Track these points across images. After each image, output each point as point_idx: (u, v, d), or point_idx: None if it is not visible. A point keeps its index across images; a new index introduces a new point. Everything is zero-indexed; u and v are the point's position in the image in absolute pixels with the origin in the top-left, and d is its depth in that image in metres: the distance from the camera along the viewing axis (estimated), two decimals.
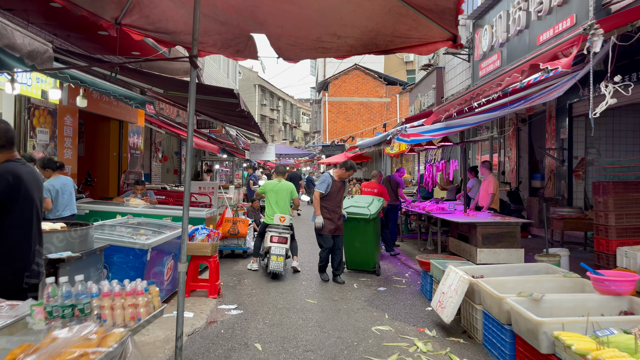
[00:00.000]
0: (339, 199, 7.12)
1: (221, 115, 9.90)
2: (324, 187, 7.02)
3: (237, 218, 8.70)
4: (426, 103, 14.97)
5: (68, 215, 5.95)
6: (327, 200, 7.03)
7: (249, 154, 12.82)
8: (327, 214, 7.03)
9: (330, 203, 7.03)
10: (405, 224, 10.37)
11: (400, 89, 34.32)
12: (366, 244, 7.49)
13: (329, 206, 7.03)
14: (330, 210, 7.03)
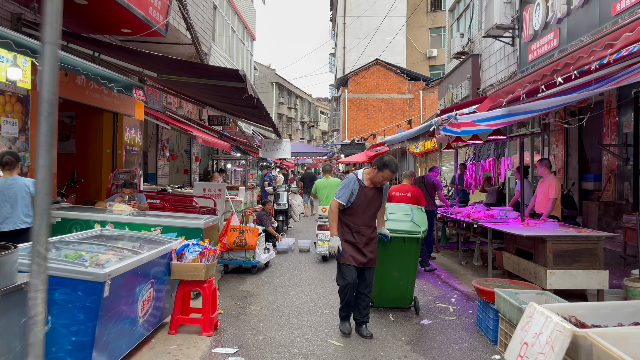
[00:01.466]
0: (370, 214, 4.68)
1: (228, 106, 8.52)
2: (345, 195, 4.60)
3: (245, 226, 7.31)
4: (459, 95, 13.46)
5: (8, 230, 4.56)
6: (351, 215, 4.65)
7: (261, 151, 11.43)
8: (350, 235, 4.63)
9: (355, 219, 4.64)
10: (443, 233, 8.86)
11: (423, 84, 32.71)
12: (407, 273, 5.44)
13: (354, 224, 4.65)
14: (355, 230, 4.64)
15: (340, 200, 4.62)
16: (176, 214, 6.59)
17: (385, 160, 4.57)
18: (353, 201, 4.61)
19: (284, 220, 11.43)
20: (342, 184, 4.69)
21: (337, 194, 4.66)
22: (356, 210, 4.63)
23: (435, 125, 5.72)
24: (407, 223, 5.51)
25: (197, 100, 9.43)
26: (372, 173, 4.64)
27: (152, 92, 13.37)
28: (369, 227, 4.70)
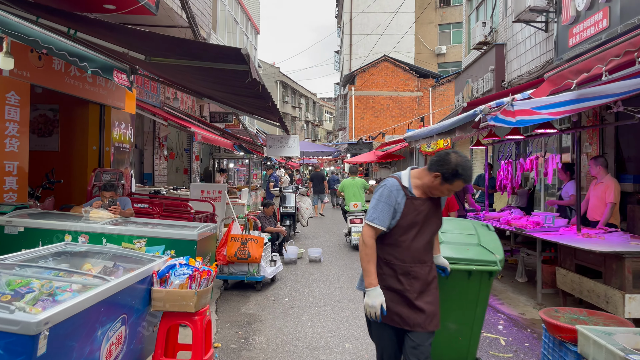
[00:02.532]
0: (424, 241, 2.85)
1: (228, 96, 7.45)
2: (384, 214, 2.77)
3: (248, 236, 6.23)
4: (480, 89, 12.38)
5: None
6: (395, 247, 2.82)
7: (266, 149, 10.36)
8: (394, 280, 2.82)
9: (401, 253, 2.82)
10: None
11: (433, 82, 31.61)
12: (469, 325, 3.77)
13: (399, 261, 2.82)
14: (402, 271, 2.81)
15: (375, 224, 2.73)
16: (166, 222, 5.54)
17: (455, 164, 2.65)
18: (397, 223, 2.75)
19: (291, 225, 10.38)
20: (377, 196, 2.79)
21: (370, 215, 2.77)
22: (403, 237, 2.76)
23: (481, 115, 4.64)
24: (473, 248, 3.78)
25: (193, 90, 8.38)
26: (429, 180, 2.75)
27: (148, 85, 12.35)
28: (424, 265, 2.83)
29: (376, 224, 2.74)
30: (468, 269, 3.66)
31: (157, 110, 12.35)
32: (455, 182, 2.68)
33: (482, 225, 4.09)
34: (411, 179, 2.85)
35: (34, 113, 8.50)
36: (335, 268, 7.80)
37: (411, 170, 2.92)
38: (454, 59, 36.62)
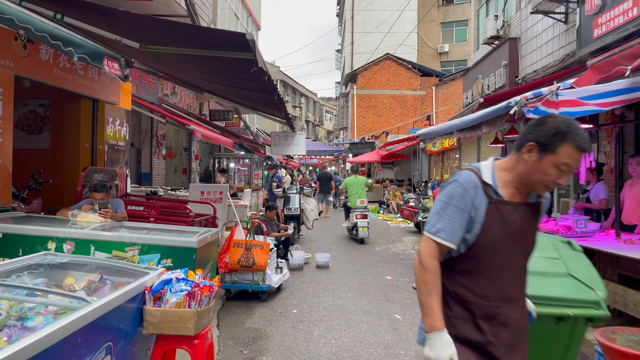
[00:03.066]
0: (517, 268, 1.94)
1: (231, 90, 6.93)
2: (456, 224, 1.83)
3: (253, 241, 5.70)
4: (492, 85, 11.86)
5: None
6: (473, 276, 1.88)
7: (270, 147, 9.81)
8: (470, 327, 1.89)
9: (483, 285, 1.88)
10: None
11: (436, 80, 31.12)
12: None
13: (480, 297, 1.88)
14: (485, 313, 1.88)
15: (441, 238, 1.84)
16: (163, 227, 5.01)
17: (554, 123, 1.78)
18: (476, 239, 1.86)
19: (295, 227, 9.84)
20: (444, 197, 1.89)
21: (432, 224, 1.88)
22: (486, 261, 1.88)
23: (517, 107, 4.11)
24: (562, 280, 2.71)
25: (193, 85, 7.86)
26: (523, 165, 1.85)
27: (145, 81, 11.83)
28: (515, 305, 1.93)
29: (442, 239, 1.81)
30: (560, 314, 2.57)
31: (154, 107, 11.82)
32: (561, 149, 1.74)
33: (562, 243, 3.03)
34: (496, 171, 1.88)
35: (23, 109, 7.98)
36: (345, 275, 7.28)
37: (495, 161, 1.94)
38: (456, 57, 36.15)
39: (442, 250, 1.86)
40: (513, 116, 4.24)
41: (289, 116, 7.69)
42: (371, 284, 6.74)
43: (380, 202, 19.73)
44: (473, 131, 5.70)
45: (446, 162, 22.33)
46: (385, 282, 6.87)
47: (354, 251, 9.47)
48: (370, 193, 23.81)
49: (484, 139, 15.45)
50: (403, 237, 11.63)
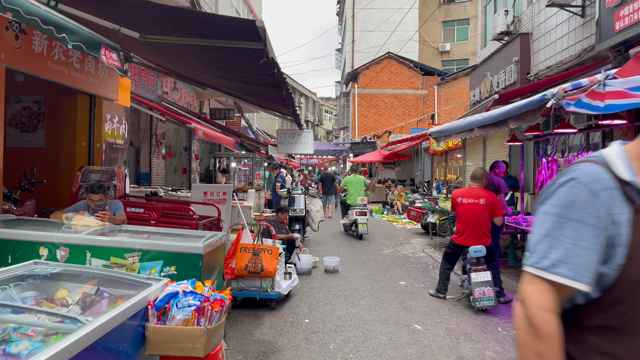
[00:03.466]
0: None
1: (236, 85, 6.56)
2: (585, 249, 1.15)
3: (261, 245, 5.32)
4: (502, 83, 11.52)
5: None
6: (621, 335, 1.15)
7: (277, 144, 9.43)
8: None
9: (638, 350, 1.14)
10: (512, 251, 6.90)
11: (438, 79, 30.79)
12: None
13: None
14: None
15: (562, 275, 1.16)
16: (165, 231, 4.64)
17: None
18: (623, 273, 1.15)
19: (300, 229, 9.47)
20: (556, 208, 1.21)
21: (540, 251, 1.20)
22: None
23: (554, 99, 3.74)
24: None
25: (195, 80, 7.47)
26: None
27: (144, 78, 11.47)
28: None
29: (564, 276, 1.16)
30: None
31: (154, 105, 11.47)
32: None
33: None
34: (632, 162, 1.22)
35: (17, 106, 7.60)
36: (356, 280, 6.91)
37: (623, 146, 1.28)
38: (458, 56, 35.83)
39: (562, 297, 1.19)
40: (549, 110, 3.89)
41: (297, 112, 7.32)
42: (385, 289, 6.37)
43: (384, 202, 19.36)
44: (497, 127, 5.34)
45: (450, 162, 22.00)
46: (399, 287, 6.51)
47: (362, 254, 9.11)
48: (372, 193, 23.50)
49: (490, 138, 15.11)
50: (411, 239, 11.27)
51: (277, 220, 7.60)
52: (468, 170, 17.92)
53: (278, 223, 7.56)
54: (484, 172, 5.74)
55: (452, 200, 5.78)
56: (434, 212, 10.42)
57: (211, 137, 10.65)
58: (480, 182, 5.68)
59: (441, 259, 6.05)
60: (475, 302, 5.26)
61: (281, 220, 7.70)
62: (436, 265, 8.14)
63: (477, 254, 5.35)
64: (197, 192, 7.00)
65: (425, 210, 11.40)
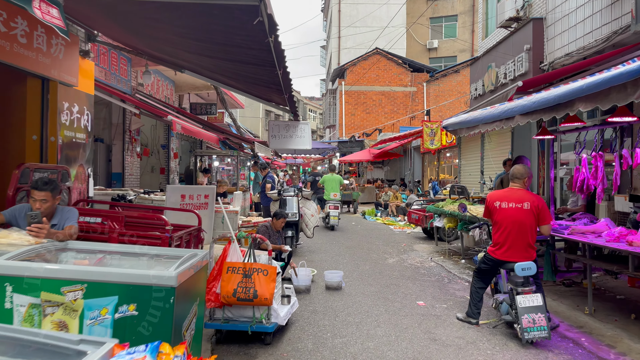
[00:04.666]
0: None
1: (221, 63, 5.40)
2: None
3: (254, 264, 4.16)
4: (510, 74, 10.55)
5: None
6: None
7: (269, 139, 8.24)
8: None
9: None
10: (547, 262, 5.86)
11: (427, 76, 29.89)
12: None
13: None
14: None
15: None
16: (128, 249, 3.45)
17: None
18: None
19: (293, 236, 8.34)
20: None
21: None
22: None
23: None
24: None
25: (169, 61, 6.28)
26: None
27: (116, 67, 10.24)
28: None
29: None
30: None
31: (127, 97, 10.22)
32: None
33: None
34: None
35: None
36: (365, 299, 5.80)
37: None
38: (446, 53, 35.05)
39: None
40: None
41: (294, 99, 6.18)
42: (402, 312, 5.27)
43: (377, 203, 18.29)
44: (555, 112, 4.28)
45: (442, 161, 21.07)
46: (419, 309, 5.41)
47: (364, 264, 8.01)
48: (362, 194, 22.44)
49: (490, 135, 14.17)
50: (414, 244, 10.21)
51: (272, 228, 6.46)
52: (463, 170, 16.95)
53: (272, 232, 6.42)
54: (525, 169, 4.68)
55: (488, 204, 4.70)
56: (440, 215, 9.38)
57: (191, 133, 9.45)
58: (521, 182, 4.62)
59: (472, 277, 4.98)
60: (523, 332, 4.19)
61: (277, 229, 6.56)
62: (451, 277, 7.07)
63: (526, 273, 4.29)
64: (173, 195, 5.81)
65: (430, 213, 10.36)
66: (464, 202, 7.63)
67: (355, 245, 9.99)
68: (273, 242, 6.38)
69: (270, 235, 6.36)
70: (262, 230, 6.31)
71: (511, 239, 4.50)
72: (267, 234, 6.33)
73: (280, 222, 6.43)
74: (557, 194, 10.40)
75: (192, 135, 9.85)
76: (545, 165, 11.53)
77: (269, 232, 6.35)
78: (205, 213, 6.13)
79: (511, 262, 4.50)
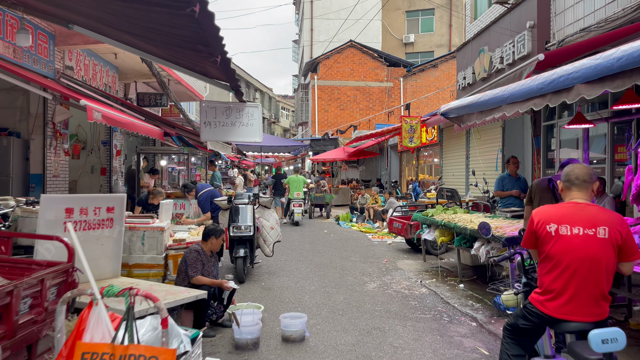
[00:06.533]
0: None
1: (122, 8, 3.46)
2: None
3: (132, 348, 2.29)
4: (509, 56, 8.87)
5: None
6: None
7: (200, 127, 6.30)
8: None
9: None
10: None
11: (404, 71, 28.36)
12: None
13: None
14: None
15: None
16: None
17: None
18: None
19: (246, 256, 6.49)
20: None
21: None
22: None
23: None
24: None
25: (51, 13, 4.33)
26: None
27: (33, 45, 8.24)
28: None
29: None
30: None
31: (49, 83, 8.19)
32: None
33: None
34: None
35: None
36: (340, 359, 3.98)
37: None
38: (423, 48, 33.63)
39: None
40: None
41: (236, 75, 4.33)
42: None
43: (352, 207, 16.52)
44: (600, 85, 2.55)
45: (421, 160, 19.47)
46: None
47: (337, 292, 6.19)
48: (337, 196, 20.67)
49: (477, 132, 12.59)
50: (397, 260, 8.46)
51: (204, 253, 4.59)
52: (446, 170, 15.37)
53: (206, 258, 4.56)
54: (591, 170, 2.94)
55: (536, 227, 2.93)
56: (430, 227, 7.66)
57: (121, 124, 7.47)
58: (588, 191, 2.88)
59: (503, 337, 3.21)
60: None
61: (212, 251, 4.71)
62: (452, 314, 5.33)
63: (609, 348, 2.53)
64: (50, 208, 3.86)
65: (415, 222, 8.63)
66: (485, 219, 5.87)
67: (327, 262, 8.17)
68: (208, 272, 4.52)
69: (204, 263, 4.50)
70: (192, 257, 4.44)
71: (575, 286, 2.76)
72: (200, 261, 4.48)
73: (218, 242, 4.57)
74: None
75: (122, 127, 7.87)
76: (541, 165, 9.99)
77: (203, 259, 4.49)
78: (107, 235, 4.23)
79: (573, 321, 2.76)
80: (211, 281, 4.37)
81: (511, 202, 7.48)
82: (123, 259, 4.98)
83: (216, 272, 4.61)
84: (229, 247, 6.63)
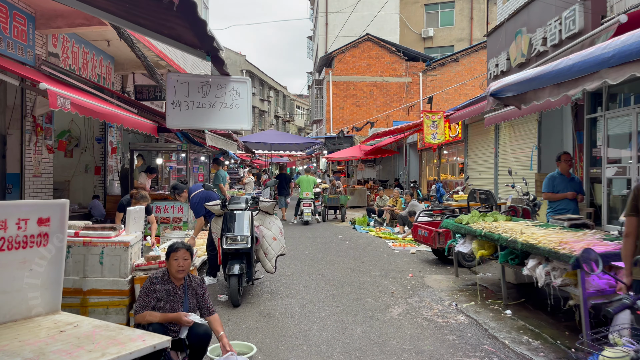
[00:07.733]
0: None
1: None
2: None
3: None
4: (555, 36, 7.53)
5: None
6: None
7: (166, 109, 5.03)
8: None
9: None
10: None
11: (423, 65, 26.93)
12: None
13: None
14: None
15: None
16: None
17: None
18: None
19: (242, 274, 5.29)
20: None
21: None
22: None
23: None
24: None
25: None
26: None
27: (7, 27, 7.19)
28: None
29: None
30: None
31: (28, 73, 7.09)
32: None
33: None
34: None
35: None
36: None
37: None
38: (442, 43, 32.19)
39: None
40: None
41: (215, 43, 3.13)
42: None
43: (370, 209, 15.23)
44: None
45: (443, 158, 18.10)
46: None
47: (354, 321, 4.96)
48: (352, 197, 19.44)
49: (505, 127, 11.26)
50: (425, 276, 7.19)
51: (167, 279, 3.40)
52: (471, 170, 14.02)
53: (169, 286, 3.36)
54: None
55: None
56: (464, 236, 6.38)
57: (96, 113, 6.32)
58: None
59: None
60: None
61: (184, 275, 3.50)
62: (504, 355, 4.06)
63: None
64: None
65: (444, 229, 7.35)
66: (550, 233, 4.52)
67: (341, 277, 6.94)
68: (170, 303, 3.32)
69: (167, 292, 3.31)
70: (144, 286, 3.25)
71: None
72: (154, 292, 3.28)
73: (173, 266, 3.37)
74: (604, 202, 7.56)
75: (105, 120, 6.73)
76: (584, 163, 8.67)
77: (162, 289, 3.29)
78: (40, 256, 3.08)
79: None
80: (164, 316, 3.17)
81: (564, 207, 6.17)
82: (76, 284, 3.83)
83: (186, 305, 3.39)
84: (222, 262, 5.44)
